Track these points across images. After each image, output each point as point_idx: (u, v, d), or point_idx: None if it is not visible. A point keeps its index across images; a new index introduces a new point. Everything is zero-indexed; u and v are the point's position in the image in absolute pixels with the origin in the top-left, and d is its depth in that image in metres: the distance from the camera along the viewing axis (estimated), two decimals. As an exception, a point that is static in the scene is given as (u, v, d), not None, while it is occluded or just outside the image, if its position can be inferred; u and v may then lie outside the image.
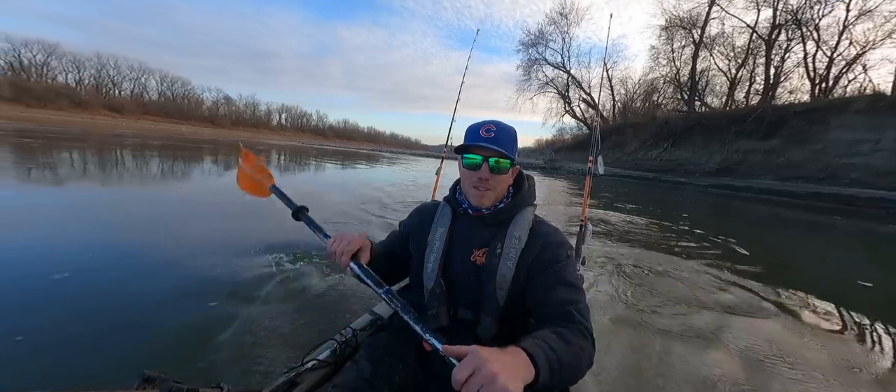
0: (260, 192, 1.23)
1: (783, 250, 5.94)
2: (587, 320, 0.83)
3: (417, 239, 1.06)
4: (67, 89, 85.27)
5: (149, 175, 7.72)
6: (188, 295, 2.31)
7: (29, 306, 2.04)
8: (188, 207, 5.27)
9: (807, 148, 18.21)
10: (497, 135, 0.92)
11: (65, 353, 1.67)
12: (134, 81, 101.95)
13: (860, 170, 15.59)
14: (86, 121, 53.71)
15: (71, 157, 9.21)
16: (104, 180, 6.56)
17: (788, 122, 19.81)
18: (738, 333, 2.44)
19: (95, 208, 4.55)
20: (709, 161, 22.16)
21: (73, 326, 1.87)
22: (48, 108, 71.67)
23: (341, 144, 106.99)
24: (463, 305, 0.97)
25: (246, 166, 1.27)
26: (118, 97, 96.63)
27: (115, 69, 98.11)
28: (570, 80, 40.63)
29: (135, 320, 2.00)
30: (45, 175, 6.22)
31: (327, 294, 2.46)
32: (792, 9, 24.19)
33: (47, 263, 2.56)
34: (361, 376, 0.87)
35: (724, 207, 12.10)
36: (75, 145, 12.59)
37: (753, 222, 9.07)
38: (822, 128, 18.18)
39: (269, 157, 17.74)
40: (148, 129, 46.87)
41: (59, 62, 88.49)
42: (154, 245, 3.23)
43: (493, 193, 0.96)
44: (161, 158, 11.03)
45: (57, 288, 2.25)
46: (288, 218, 1.12)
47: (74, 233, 3.38)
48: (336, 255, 0.90)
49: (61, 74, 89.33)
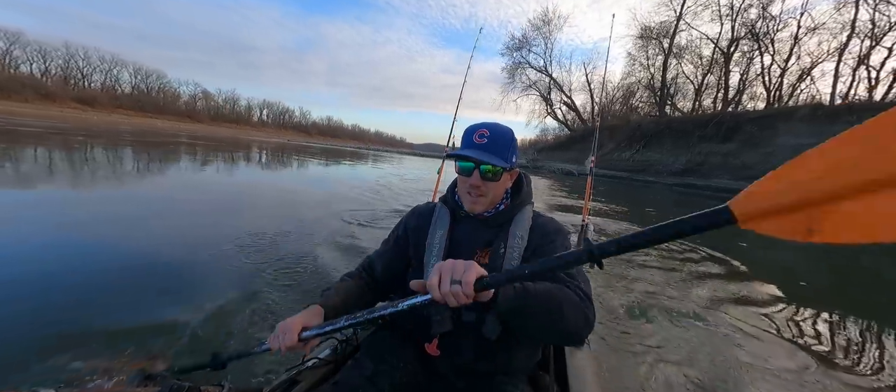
0: None
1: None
2: (582, 285, 0.82)
3: (415, 242, 1.03)
4: (32, 80, 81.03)
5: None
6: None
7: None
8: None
9: (758, 151, 20.31)
10: (490, 141, 0.92)
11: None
12: (105, 73, 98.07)
13: (801, 171, 17.71)
14: (55, 114, 51.60)
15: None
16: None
17: (744, 128, 21.96)
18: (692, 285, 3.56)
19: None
20: (675, 162, 24.16)
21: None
22: (13, 99, 68.13)
23: (326, 142, 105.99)
24: (466, 308, 0.93)
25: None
26: (88, 89, 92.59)
27: (85, 60, 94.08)
28: (552, 84, 42.49)
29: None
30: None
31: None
32: (750, 23, 26.65)
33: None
34: (362, 375, 0.87)
35: (684, 202, 13.77)
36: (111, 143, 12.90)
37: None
38: (772, 133, 20.32)
39: (250, 154, 18.24)
40: (127, 123, 45.61)
41: (22, 51, 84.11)
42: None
43: (486, 200, 0.95)
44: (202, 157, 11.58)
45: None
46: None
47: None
48: (283, 348, 0.82)
49: (25, 64, 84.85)
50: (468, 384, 0.93)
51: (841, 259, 5.44)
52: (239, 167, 11.33)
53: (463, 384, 0.93)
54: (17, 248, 2.87)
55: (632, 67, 36.83)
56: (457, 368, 0.94)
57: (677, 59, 32.14)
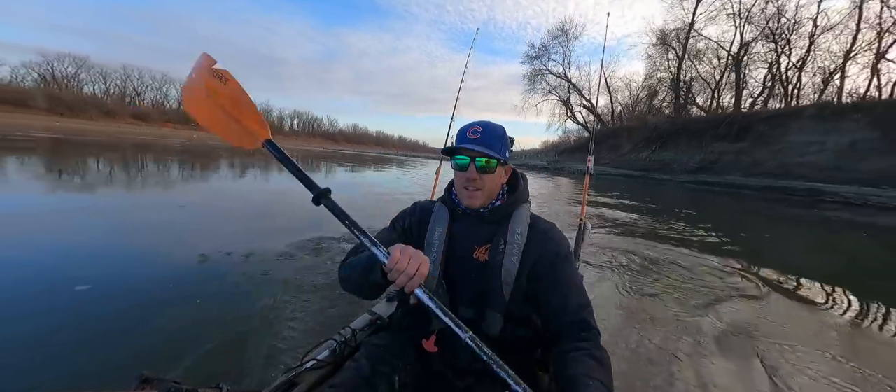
0: (240, 139, 0.80)
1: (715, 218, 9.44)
2: (594, 320, 0.89)
3: (415, 238, 1.05)
4: (94, 99, 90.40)
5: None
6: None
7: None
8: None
9: (769, 148, 21.54)
10: (483, 135, 0.96)
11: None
12: (156, 91, 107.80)
13: (808, 167, 18.92)
14: (113, 129, 57.41)
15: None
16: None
17: (755, 127, 23.18)
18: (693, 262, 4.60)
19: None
20: (690, 160, 25.54)
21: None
22: (80, 117, 76.60)
23: (354, 149, 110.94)
24: (464, 304, 0.97)
25: (211, 83, 0.78)
26: (142, 106, 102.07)
27: (140, 80, 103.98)
28: (571, 88, 44.29)
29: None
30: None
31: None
32: (763, 24, 27.74)
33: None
34: (361, 376, 0.88)
35: (694, 197, 15.61)
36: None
37: (709, 204, 12.61)
38: (783, 131, 21.51)
39: (316, 163, 21.23)
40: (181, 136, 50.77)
41: (87, 74, 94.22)
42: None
43: (483, 194, 0.98)
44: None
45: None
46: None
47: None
48: (405, 275, 0.71)
49: (88, 85, 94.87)
50: (467, 384, 0.95)
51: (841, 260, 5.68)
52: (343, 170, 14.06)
53: (462, 384, 0.95)
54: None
55: (653, 69, 38.31)
56: (455, 368, 0.96)
57: (694, 61, 33.39)
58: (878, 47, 22.79)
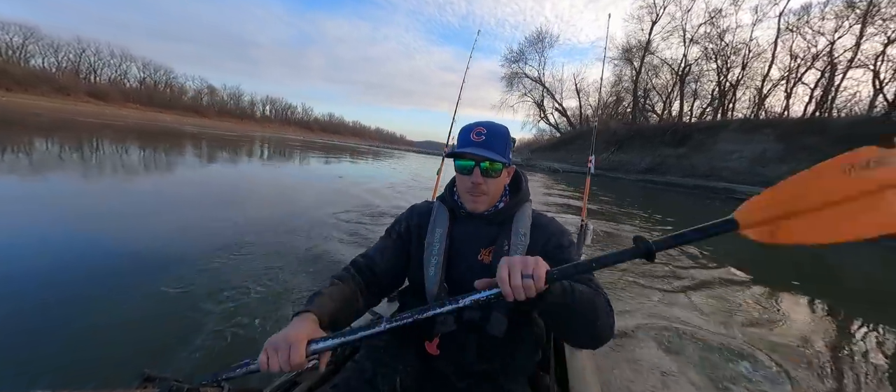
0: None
1: (657, 207, 12.60)
2: (606, 294, 0.85)
3: (414, 241, 1.04)
4: (46, 74, 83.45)
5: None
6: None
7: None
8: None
9: (703, 154, 25.83)
10: (488, 138, 0.94)
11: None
12: (115, 68, 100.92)
13: (729, 171, 23.22)
14: (69, 108, 52.96)
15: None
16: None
17: (694, 136, 27.54)
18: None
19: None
20: (641, 162, 29.66)
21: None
22: (30, 93, 70.91)
23: (331, 139, 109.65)
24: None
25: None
26: (98, 83, 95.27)
27: (96, 55, 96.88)
28: (545, 92, 48.04)
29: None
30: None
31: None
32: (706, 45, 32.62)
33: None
34: (362, 376, 0.88)
35: (649, 194, 19.11)
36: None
37: (653, 198, 15.96)
38: (714, 140, 25.86)
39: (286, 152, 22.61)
40: (158, 119, 48.56)
41: (36, 45, 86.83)
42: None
43: (487, 198, 0.97)
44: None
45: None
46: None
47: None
48: (290, 366, 0.68)
49: (36, 58, 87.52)
50: (469, 385, 0.94)
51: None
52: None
53: (464, 385, 0.94)
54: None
55: (617, 78, 42.83)
56: (458, 369, 0.95)
57: (650, 74, 38.05)
58: (796, 73, 27.95)
